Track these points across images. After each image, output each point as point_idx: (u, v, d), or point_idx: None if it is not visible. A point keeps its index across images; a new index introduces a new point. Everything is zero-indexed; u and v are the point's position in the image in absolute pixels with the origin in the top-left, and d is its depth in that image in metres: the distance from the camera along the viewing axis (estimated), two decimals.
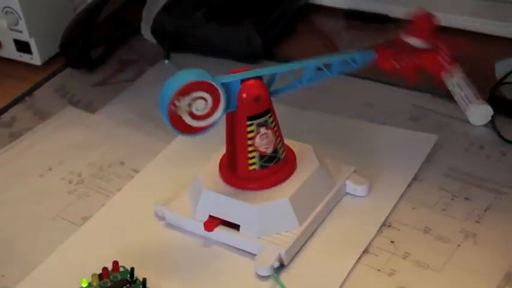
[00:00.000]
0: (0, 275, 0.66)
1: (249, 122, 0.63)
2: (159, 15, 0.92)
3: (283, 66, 0.65)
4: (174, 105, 0.60)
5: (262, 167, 0.66)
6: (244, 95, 0.62)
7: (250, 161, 0.65)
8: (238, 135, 0.64)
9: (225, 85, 0.62)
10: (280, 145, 0.66)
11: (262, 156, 0.65)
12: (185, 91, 0.60)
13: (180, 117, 0.61)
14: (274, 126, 0.65)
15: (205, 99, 0.61)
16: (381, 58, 0.67)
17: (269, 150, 0.65)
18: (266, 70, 0.64)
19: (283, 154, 0.66)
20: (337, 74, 0.66)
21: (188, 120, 0.61)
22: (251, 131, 0.64)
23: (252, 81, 0.63)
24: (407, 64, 0.67)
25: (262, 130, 0.64)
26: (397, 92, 0.83)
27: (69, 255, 0.67)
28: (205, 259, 0.66)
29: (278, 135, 0.65)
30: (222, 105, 0.62)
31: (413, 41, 0.67)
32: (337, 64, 0.66)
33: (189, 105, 0.61)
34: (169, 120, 0.61)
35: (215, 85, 0.61)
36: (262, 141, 0.65)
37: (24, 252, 0.68)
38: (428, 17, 0.67)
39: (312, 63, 0.65)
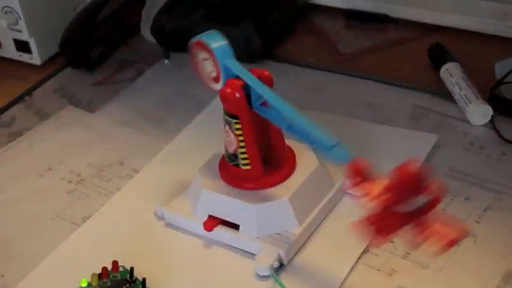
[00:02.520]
0: None
1: (224, 112, 0.64)
2: (158, 15, 0.92)
3: (275, 99, 0.62)
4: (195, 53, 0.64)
5: (227, 159, 0.66)
6: (222, 87, 0.63)
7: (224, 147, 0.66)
8: None
9: (227, 68, 0.63)
10: (243, 156, 0.65)
11: (226, 149, 0.66)
12: (199, 46, 0.64)
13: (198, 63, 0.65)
14: (240, 136, 0.64)
15: (211, 65, 0.64)
16: (352, 169, 0.57)
17: (229, 149, 0.65)
18: (258, 85, 0.62)
19: (248, 167, 0.65)
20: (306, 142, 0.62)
21: (201, 68, 0.65)
22: (223, 120, 0.65)
23: (236, 82, 0.63)
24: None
25: (227, 127, 0.64)
26: (397, 92, 0.83)
27: (68, 255, 0.67)
28: (204, 259, 0.66)
29: (243, 147, 0.64)
30: (221, 82, 0.64)
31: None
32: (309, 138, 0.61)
33: (203, 60, 0.64)
34: (192, 60, 0.65)
35: (217, 59, 0.63)
36: (226, 137, 0.65)
37: (24, 252, 0.68)
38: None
39: (299, 121, 0.61)
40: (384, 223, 0.54)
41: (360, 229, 0.55)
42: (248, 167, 0.65)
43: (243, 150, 0.65)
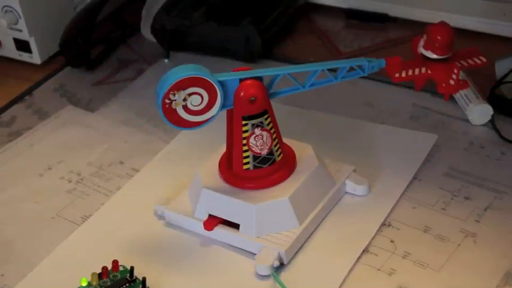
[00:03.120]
0: None
1: (244, 122, 0.64)
2: (158, 15, 0.92)
3: (285, 69, 0.64)
4: (169, 98, 0.61)
5: (255, 167, 0.65)
6: (241, 94, 0.62)
7: (245, 160, 0.65)
8: (235, 134, 0.64)
9: (222, 83, 0.62)
10: (277, 147, 0.66)
11: (256, 156, 0.65)
12: (180, 86, 0.61)
13: (175, 110, 0.62)
14: (271, 128, 0.65)
15: (200, 95, 0.61)
16: (390, 66, 0.67)
17: (264, 152, 0.65)
18: (267, 71, 0.64)
19: (280, 156, 0.66)
20: (341, 80, 0.66)
21: (182, 114, 0.62)
22: (246, 131, 0.64)
23: (250, 81, 0.63)
24: (416, 75, 0.67)
25: (257, 131, 0.64)
26: (397, 91, 0.83)
27: (68, 255, 0.67)
28: (205, 258, 0.66)
29: (275, 137, 0.65)
30: (218, 103, 0.62)
31: (428, 53, 0.67)
32: (343, 70, 0.65)
33: (185, 99, 0.61)
34: (163, 113, 0.62)
35: (211, 82, 0.61)
36: (256, 142, 0.64)
37: (24, 251, 0.68)
38: (446, 30, 0.67)
39: (315, 67, 0.65)
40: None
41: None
42: (281, 156, 0.66)
43: (276, 141, 0.65)
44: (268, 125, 0.64)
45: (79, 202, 0.73)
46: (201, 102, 0.62)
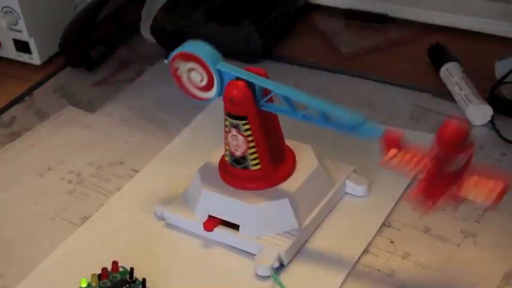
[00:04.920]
0: None
1: (226, 117, 0.64)
2: (158, 15, 0.92)
3: (285, 89, 0.62)
4: (175, 65, 0.64)
5: (231, 164, 0.66)
6: (225, 91, 0.63)
7: (226, 152, 0.66)
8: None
9: (220, 72, 0.63)
10: (253, 156, 0.65)
11: (231, 154, 0.65)
12: (183, 57, 0.64)
13: (180, 76, 0.65)
14: (249, 136, 0.64)
15: (200, 74, 0.63)
16: (387, 141, 0.59)
17: (237, 153, 0.65)
18: (264, 81, 0.62)
19: (257, 166, 0.65)
20: (327, 126, 0.62)
21: (186, 83, 0.65)
22: (226, 126, 0.64)
23: (238, 83, 0.62)
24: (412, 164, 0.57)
25: (234, 131, 0.64)
26: (397, 92, 0.83)
27: (68, 256, 0.67)
28: (204, 259, 0.66)
29: (253, 146, 0.64)
30: (215, 88, 0.64)
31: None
32: (336, 120, 0.61)
33: (188, 71, 0.64)
34: (172, 74, 0.65)
35: (209, 67, 0.63)
36: (233, 141, 0.65)
37: (24, 252, 0.68)
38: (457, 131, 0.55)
39: (316, 105, 0.61)
40: (433, 188, 0.55)
41: (414, 199, 0.55)
42: (258, 167, 0.65)
43: (253, 150, 0.64)
44: (245, 131, 0.63)
45: (79, 203, 0.73)
46: (201, 81, 0.64)
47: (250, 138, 0.64)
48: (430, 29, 0.92)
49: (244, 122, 0.63)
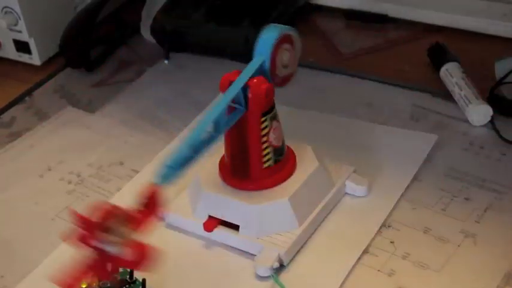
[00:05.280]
0: None
1: (263, 118, 0.63)
2: (158, 15, 0.92)
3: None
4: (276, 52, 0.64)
5: (275, 161, 0.65)
6: (257, 92, 0.62)
7: (265, 158, 0.65)
8: (253, 135, 0.64)
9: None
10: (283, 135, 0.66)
11: (275, 149, 0.65)
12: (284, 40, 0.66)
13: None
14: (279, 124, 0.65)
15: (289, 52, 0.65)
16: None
17: (280, 143, 0.65)
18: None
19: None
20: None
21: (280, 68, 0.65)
22: (265, 127, 0.64)
23: (260, 78, 0.63)
24: None
25: (275, 124, 0.64)
26: (397, 92, 0.83)
27: (68, 256, 0.67)
28: (204, 259, 0.66)
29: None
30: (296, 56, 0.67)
31: None
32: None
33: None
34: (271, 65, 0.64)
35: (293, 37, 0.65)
36: (275, 135, 0.65)
37: (23, 252, 0.68)
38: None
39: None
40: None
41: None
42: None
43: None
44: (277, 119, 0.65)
45: (79, 203, 0.73)
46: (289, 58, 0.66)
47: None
48: (430, 29, 0.92)
49: (275, 109, 0.64)
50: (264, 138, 0.64)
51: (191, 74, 0.90)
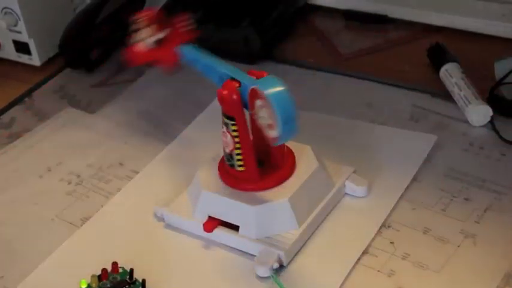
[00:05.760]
0: None
1: (222, 113, 0.64)
2: None
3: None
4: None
5: (225, 158, 0.66)
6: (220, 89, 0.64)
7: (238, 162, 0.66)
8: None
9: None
10: (238, 157, 0.65)
11: (223, 149, 0.66)
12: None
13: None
14: (236, 137, 0.64)
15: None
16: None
17: (226, 150, 0.65)
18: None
19: (241, 168, 0.65)
20: None
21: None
22: (222, 122, 0.65)
23: (231, 83, 0.63)
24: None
25: (224, 128, 0.64)
26: (397, 92, 0.83)
27: (68, 257, 0.67)
28: (204, 260, 0.66)
29: (239, 148, 0.64)
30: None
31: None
32: None
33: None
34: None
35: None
36: (223, 137, 0.65)
37: (23, 253, 0.68)
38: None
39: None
40: None
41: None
42: (242, 169, 0.65)
43: (239, 151, 0.65)
44: (233, 131, 0.64)
45: (79, 204, 0.73)
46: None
47: (236, 140, 0.64)
48: (429, 29, 0.92)
49: (232, 122, 0.63)
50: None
51: (191, 74, 0.89)
